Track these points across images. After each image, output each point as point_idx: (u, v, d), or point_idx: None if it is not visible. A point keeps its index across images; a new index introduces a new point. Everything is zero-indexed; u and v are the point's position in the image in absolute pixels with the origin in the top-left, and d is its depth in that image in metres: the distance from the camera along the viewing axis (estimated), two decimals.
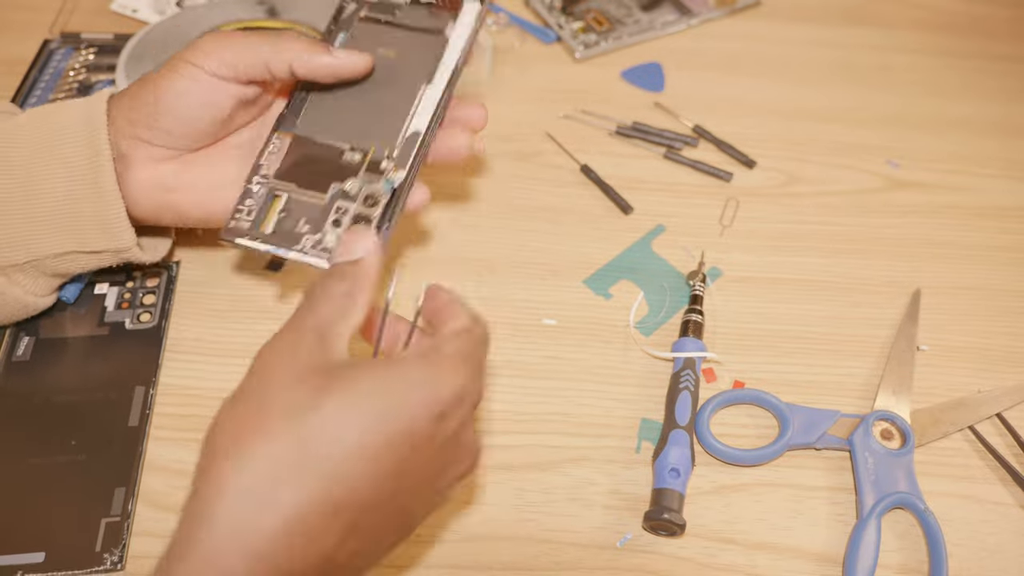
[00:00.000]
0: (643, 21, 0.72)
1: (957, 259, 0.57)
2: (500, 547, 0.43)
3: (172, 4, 0.68)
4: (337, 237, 0.41)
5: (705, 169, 0.61)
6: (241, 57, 0.41)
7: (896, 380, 0.49)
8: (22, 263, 0.43)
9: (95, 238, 0.43)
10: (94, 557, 0.41)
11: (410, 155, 0.43)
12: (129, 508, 0.43)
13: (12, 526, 0.42)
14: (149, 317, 0.50)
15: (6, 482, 0.43)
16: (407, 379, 0.31)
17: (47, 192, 0.42)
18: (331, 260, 0.40)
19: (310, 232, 0.41)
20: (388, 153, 0.43)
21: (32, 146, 0.42)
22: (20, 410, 0.46)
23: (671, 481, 0.44)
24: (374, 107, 0.44)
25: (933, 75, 0.70)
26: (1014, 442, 0.48)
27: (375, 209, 0.41)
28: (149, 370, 0.48)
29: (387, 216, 0.41)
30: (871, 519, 0.43)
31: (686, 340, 0.50)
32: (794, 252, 0.57)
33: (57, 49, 0.65)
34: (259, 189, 0.42)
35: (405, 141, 0.43)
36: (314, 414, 0.29)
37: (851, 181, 0.62)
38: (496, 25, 0.71)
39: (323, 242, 0.41)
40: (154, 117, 0.41)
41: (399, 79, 0.44)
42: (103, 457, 0.44)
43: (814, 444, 0.47)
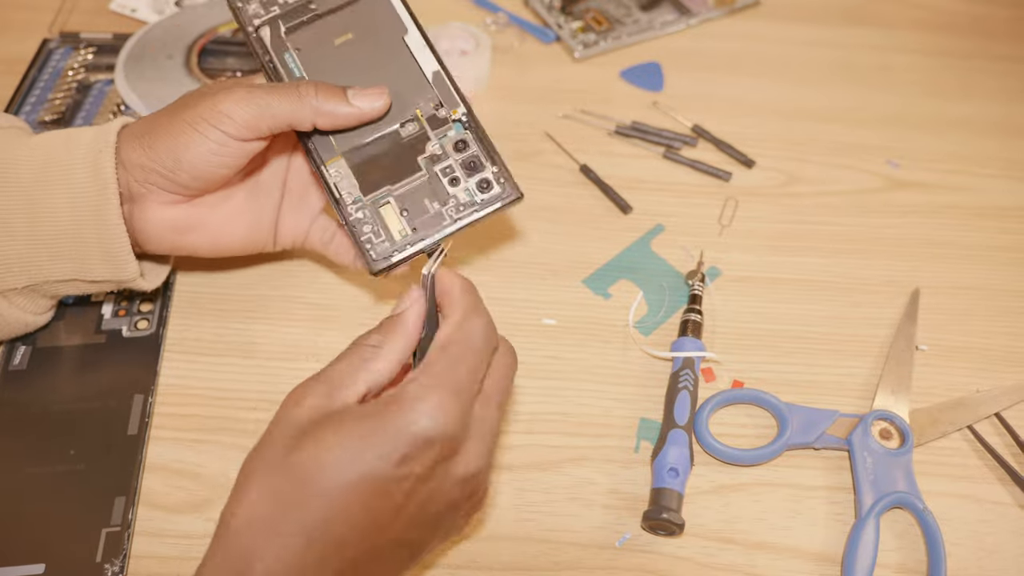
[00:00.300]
0: (642, 21, 0.72)
1: (957, 259, 0.57)
2: (500, 547, 0.43)
3: (171, 4, 0.68)
4: (466, 189, 0.41)
5: (704, 169, 0.61)
6: (262, 119, 0.40)
7: (895, 380, 0.49)
8: (22, 287, 0.43)
9: (98, 269, 0.43)
10: (94, 568, 0.40)
11: (451, 90, 0.42)
12: (129, 517, 0.42)
13: (11, 537, 0.41)
14: (146, 324, 0.50)
15: (5, 492, 0.43)
16: (365, 430, 0.32)
17: (52, 217, 0.41)
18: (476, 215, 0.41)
19: (441, 204, 0.41)
20: (434, 104, 0.42)
21: (40, 170, 0.41)
22: (18, 420, 0.45)
23: (670, 481, 0.44)
24: (385, 83, 0.43)
25: (933, 75, 0.70)
26: (1013, 442, 0.48)
27: (471, 148, 0.41)
28: (147, 378, 0.47)
29: (487, 148, 0.41)
30: (870, 519, 0.43)
31: (685, 340, 0.50)
32: (793, 252, 0.57)
33: (56, 48, 0.65)
34: (363, 214, 0.41)
35: (435, 84, 0.42)
36: (296, 455, 0.32)
37: (851, 181, 0.62)
38: (495, 25, 0.71)
39: (461, 200, 0.41)
40: (173, 172, 0.41)
41: (379, 48, 0.43)
42: (102, 466, 0.44)
43: (813, 444, 0.47)
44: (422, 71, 0.43)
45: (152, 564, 0.41)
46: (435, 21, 0.67)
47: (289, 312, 0.51)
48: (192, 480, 0.44)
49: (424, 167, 0.41)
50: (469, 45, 0.65)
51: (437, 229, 0.40)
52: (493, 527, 0.44)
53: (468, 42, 0.65)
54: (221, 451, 0.45)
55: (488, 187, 0.41)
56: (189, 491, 0.44)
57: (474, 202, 0.41)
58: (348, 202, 0.41)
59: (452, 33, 0.66)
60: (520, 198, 0.41)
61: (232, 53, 0.65)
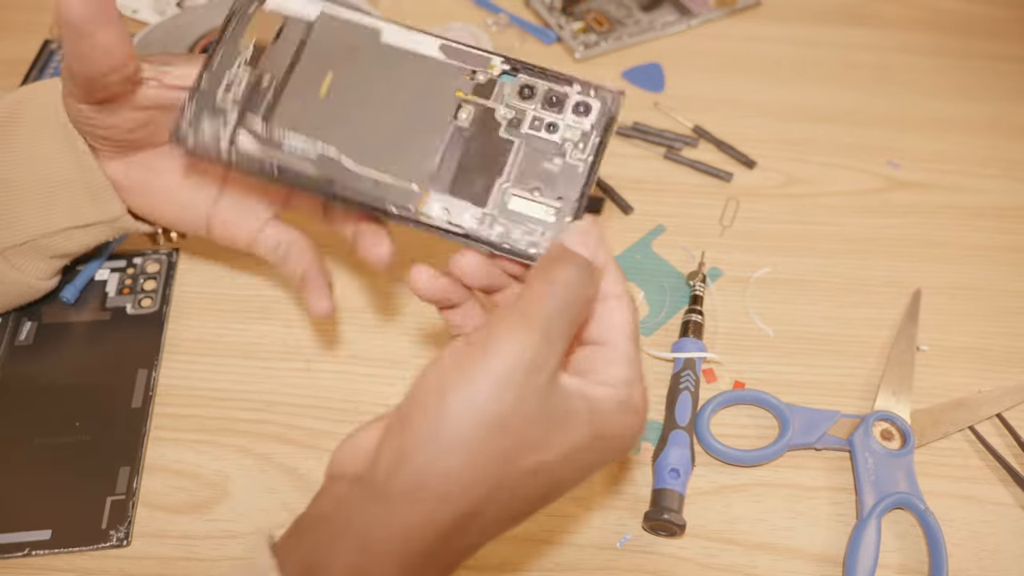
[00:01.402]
0: (643, 21, 0.72)
1: (957, 259, 0.57)
2: (500, 547, 0.43)
3: (172, 5, 0.68)
4: (568, 126, 0.36)
5: (705, 169, 0.61)
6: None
7: (896, 380, 0.49)
8: (20, 244, 0.43)
9: (85, 209, 0.43)
10: (100, 534, 0.42)
11: (472, 52, 0.37)
12: (134, 486, 0.43)
13: (19, 504, 0.43)
14: (150, 302, 0.51)
15: (13, 462, 0.44)
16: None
17: (28, 168, 0.42)
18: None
19: (560, 156, 0.36)
20: (467, 75, 0.37)
21: (6, 122, 0.42)
22: (25, 392, 0.47)
23: (671, 481, 0.44)
24: (404, 93, 0.37)
25: (933, 75, 0.70)
26: (1014, 442, 0.48)
27: (538, 87, 0.36)
28: (151, 353, 0.48)
29: (552, 76, 0.36)
30: (871, 519, 0.43)
31: (686, 340, 0.50)
32: (794, 252, 0.57)
33: (57, 50, 0.65)
34: (501, 226, 0.35)
35: (452, 57, 0.37)
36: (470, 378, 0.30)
37: (851, 181, 0.62)
38: (496, 26, 0.71)
39: (574, 138, 0.36)
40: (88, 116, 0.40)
41: (368, 66, 0.37)
42: (107, 437, 0.45)
43: (814, 444, 0.47)
44: (427, 56, 0.37)
45: (152, 565, 0.41)
46: (436, 22, 0.67)
47: (289, 312, 0.51)
48: (192, 480, 0.44)
49: (513, 136, 0.36)
50: None
51: (579, 180, 0.35)
52: None
53: (469, 42, 0.65)
54: (221, 451, 0.45)
55: (587, 109, 0.36)
56: (189, 491, 0.44)
57: (586, 131, 0.36)
58: (476, 227, 0.35)
59: (453, 34, 0.66)
60: (621, 94, 0.36)
61: None
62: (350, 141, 0.36)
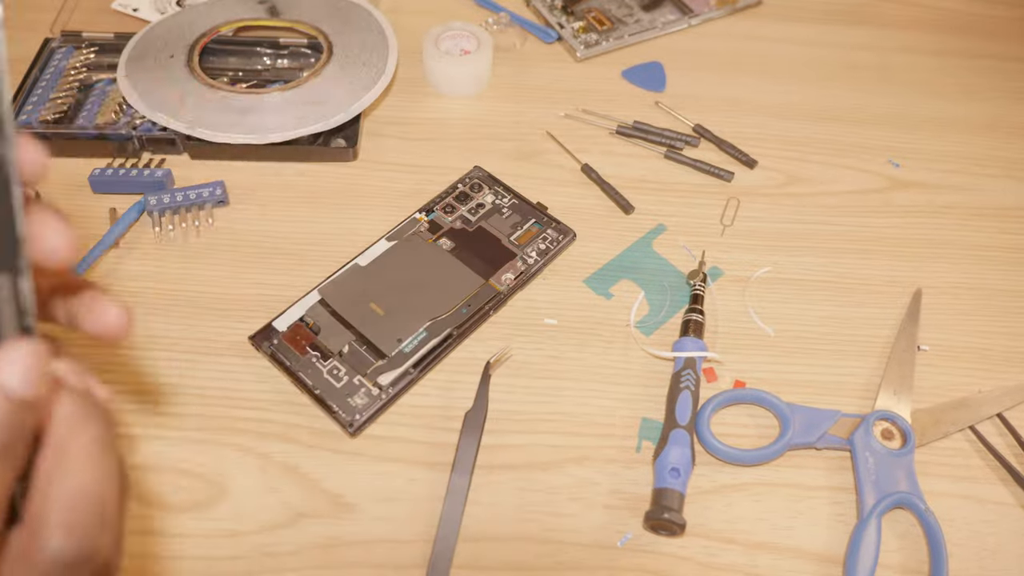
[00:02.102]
0: (644, 21, 0.72)
1: (957, 259, 0.57)
2: (500, 547, 0.43)
3: (172, 3, 0.68)
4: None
5: (706, 169, 0.61)
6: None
7: (897, 380, 0.49)
8: None
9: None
10: None
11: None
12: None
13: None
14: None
15: None
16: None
17: None
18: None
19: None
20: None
21: None
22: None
23: (671, 481, 0.44)
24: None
25: (933, 75, 0.70)
26: (1015, 442, 0.48)
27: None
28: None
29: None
30: (872, 519, 0.43)
31: (687, 340, 0.50)
32: (795, 252, 0.57)
33: (58, 48, 0.65)
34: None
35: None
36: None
37: (851, 181, 0.62)
38: (497, 25, 0.71)
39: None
40: None
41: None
42: None
43: (815, 444, 0.47)
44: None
45: (152, 564, 0.41)
46: (436, 21, 0.67)
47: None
48: (192, 480, 0.44)
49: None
50: (471, 45, 0.65)
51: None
52: (494, 527, 0.44)
53: (470, 42, 0.65)
54: (221, 451, 0.45)
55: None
56: (189, 491, 0.44)
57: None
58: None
59: (454, 33, 0.66)
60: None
61: (233, 53, 0.64)
62: None
